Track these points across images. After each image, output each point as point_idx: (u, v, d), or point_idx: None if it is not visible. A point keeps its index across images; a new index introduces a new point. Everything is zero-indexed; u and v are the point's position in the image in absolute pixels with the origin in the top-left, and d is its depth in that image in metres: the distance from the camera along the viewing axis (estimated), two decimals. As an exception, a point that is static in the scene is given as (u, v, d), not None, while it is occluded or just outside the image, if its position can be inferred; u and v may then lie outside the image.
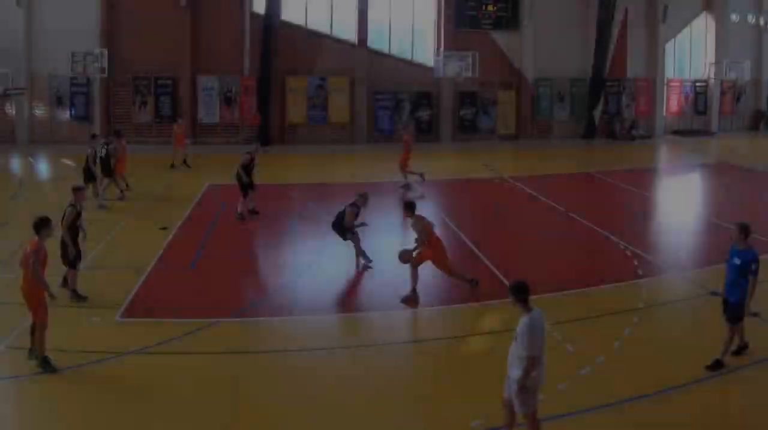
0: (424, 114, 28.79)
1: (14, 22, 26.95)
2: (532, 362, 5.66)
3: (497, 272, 11.48)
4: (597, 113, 29.85)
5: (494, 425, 6.46)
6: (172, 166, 21.94)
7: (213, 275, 11.66)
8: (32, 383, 7.70)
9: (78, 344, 8.61)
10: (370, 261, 11.87)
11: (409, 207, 10.50)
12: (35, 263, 7.91)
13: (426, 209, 16.65)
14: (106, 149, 17.31)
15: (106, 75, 26.87)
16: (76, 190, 10.37)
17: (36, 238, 8.13)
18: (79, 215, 10.14)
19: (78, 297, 10.15)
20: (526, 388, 5.74)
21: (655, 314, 9.86)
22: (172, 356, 8.47)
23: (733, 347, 8.00)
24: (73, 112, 27.77)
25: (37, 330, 7.97)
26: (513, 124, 29.44)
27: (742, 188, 19.92)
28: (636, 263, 12.03)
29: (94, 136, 18.95)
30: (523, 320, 5.76)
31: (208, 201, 17.39)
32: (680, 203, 18.03)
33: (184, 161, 22.22)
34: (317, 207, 16.68)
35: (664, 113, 31.22)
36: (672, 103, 31.32)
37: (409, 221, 10.40)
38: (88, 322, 9.44)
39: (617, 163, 23.88)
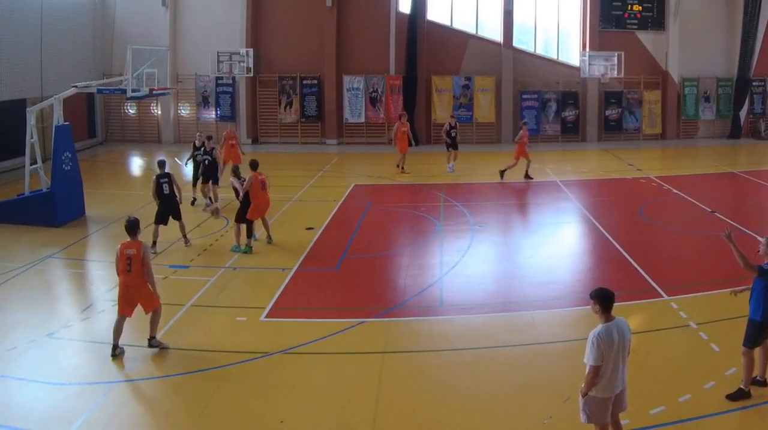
0: (570, 114, 28.37)
1: (160, 22, 26.96)
2: (591, 372, 5.69)
3: (642, 271, 11.42)
4: (743, 113, 29.28)
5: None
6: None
7: (358, 275, 11.63)
8: (179, 383, 7.75)
9: (224, 344, 8.67)
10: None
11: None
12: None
13: (572, 209, 16.74)
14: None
15: (251, 75, 26.67)
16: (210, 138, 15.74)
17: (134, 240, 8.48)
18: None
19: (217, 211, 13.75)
20: (590, 397, 5.78)
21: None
22: (318, 356, 8.45)
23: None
24: (218, 112, 27.51)
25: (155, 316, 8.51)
26: (659, 124, 28.84)
27: None
28: (782, 262, 11.60)
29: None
30: (595, 329, 5.76)
31: (353, 201, 16.97)
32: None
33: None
34: (465, 207, 16.37)
35: (809, 114, 30.48)
36: (816, 103, 30.55)
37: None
38: (234, 322, 9.45)
39: (763, 164, 23.18)
